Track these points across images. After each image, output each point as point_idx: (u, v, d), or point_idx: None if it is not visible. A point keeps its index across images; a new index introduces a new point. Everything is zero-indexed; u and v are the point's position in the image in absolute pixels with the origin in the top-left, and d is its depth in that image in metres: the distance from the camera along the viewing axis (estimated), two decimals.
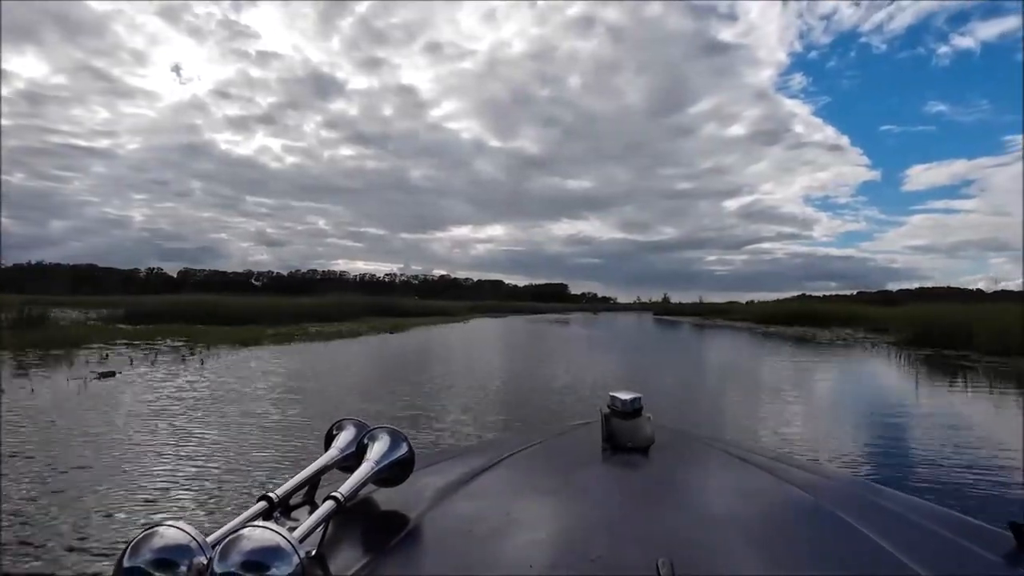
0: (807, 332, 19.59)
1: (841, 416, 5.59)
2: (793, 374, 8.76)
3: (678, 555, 0.49)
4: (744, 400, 6.44)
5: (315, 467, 0.65)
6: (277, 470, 3.29)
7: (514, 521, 0.62)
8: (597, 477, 0.78)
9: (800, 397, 6.62)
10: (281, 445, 3.91)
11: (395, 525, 0.60)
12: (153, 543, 0.43)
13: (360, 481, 0.61)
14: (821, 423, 5.20)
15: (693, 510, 0.68)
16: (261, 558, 0.42)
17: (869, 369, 9.72)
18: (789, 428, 4.81)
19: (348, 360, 9.58)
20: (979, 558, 0.56)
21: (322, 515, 0.53)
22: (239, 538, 0.44)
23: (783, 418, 5.24)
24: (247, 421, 4.62)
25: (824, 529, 0.62)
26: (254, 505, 0.55)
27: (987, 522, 0.64)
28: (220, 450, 3.75)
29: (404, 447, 0.68)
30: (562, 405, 5.63)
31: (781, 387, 7.29)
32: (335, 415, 0.75)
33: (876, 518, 0.63)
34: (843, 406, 6.30)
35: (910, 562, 0.53)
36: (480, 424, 4.74)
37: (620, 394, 0.89)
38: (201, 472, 3.28)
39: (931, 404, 6.09)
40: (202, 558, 0.43)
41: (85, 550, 2.26)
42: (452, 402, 5.66)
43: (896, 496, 0.73)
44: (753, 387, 7.44)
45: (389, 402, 5.59)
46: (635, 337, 20.15)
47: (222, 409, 5.08)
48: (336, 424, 0.73)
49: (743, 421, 5.19)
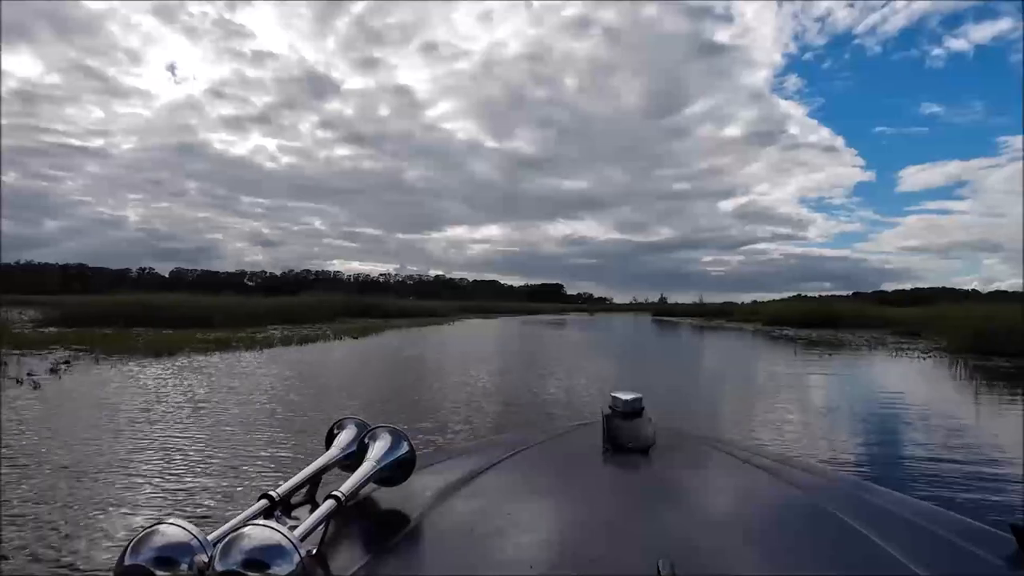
0: (826, 335, 17.33)
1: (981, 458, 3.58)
2: (863, 396, 6.59)
3: (679, 556, 0.49)
4: (814, 432, 4.34)
5: (316, 466, 0.65)
6: None
7: (515, 521, 0.62)
8: (598, 477, 0.79)
9: (894, 429, 4.58)
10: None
11: (396, 524, 0.60)
12: (154, 541, 0.43)
13: (361, 480, 0.61)
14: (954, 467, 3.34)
15: (694, 511, 0.67)
16: (262, 556, 0.42)
17: (961, 390, 7.24)
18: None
19: (250, 382, 6.91)
20: (980, 560, 0.56)
21: (323, 514, 0.53)
22: (240, 536, 0.44)
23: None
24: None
25: (825, 531, 0.61)
26: (255, 504, 0.55)
27: (989, 524, 0.63)
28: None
29: (405, 446, 0.68)
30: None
31: (855, 413, 5.24)
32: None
33: (877, 520, 0.62)
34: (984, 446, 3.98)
35: (910, 564, 0.53)
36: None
37: (621, 394, 0.88)
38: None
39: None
40: (203, 556, 0.43)
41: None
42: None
43: (897, 498, 0.72)
44: (810, 410, 5.33)
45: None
46: (639, 342, 17.86)
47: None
48: (337, 423, 0.73)
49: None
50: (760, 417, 5.11)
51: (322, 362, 9.45)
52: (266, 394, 5.80)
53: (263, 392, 5.92)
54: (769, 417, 5.07)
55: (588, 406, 5.34)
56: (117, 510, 2.59)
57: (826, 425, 4.82)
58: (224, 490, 2.90)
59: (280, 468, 3.26)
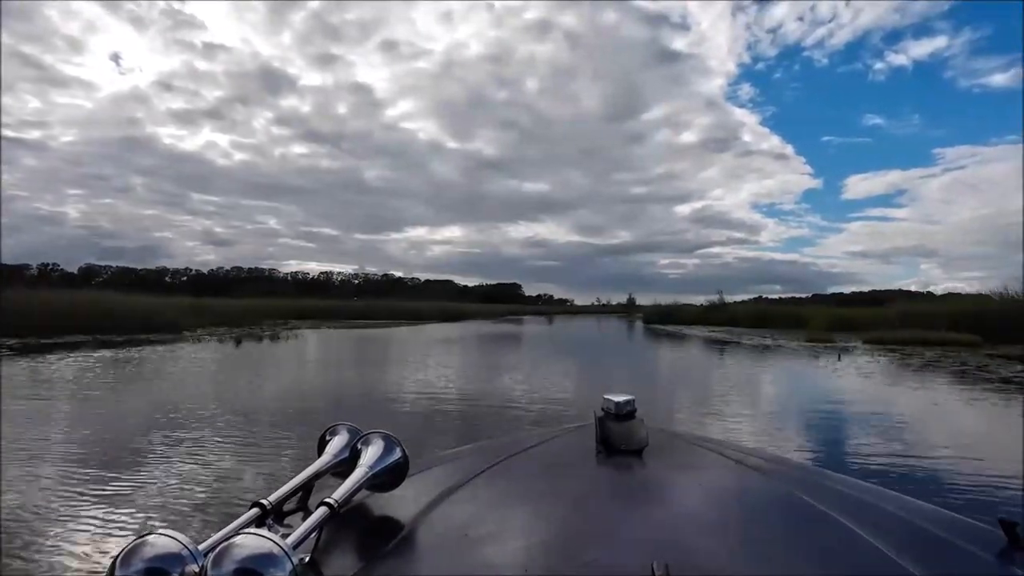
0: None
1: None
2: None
3: (673, 557, 0.48)
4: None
5: (308, 473, 0.65)
6: None
7: (509, 525, 0.62)
8: (591, 480, 0.78)
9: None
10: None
11: (389, 530, 0.60)
12: (144, 552, 0.42)
13: (354, 486, 0.61)
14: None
15: (688, 512, 0.67)
16: (254, 565, 0.42)
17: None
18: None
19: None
20: (970, 556, 0.56)
21: (316, 521, 0.53)
22: (231, 546, 0.43)
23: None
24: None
25: (818, 530, 0.61)
26: (246, 512, 0.55)
27: (977, 520, 0.63)
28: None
29: (398, 452, 0.67)
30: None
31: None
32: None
33: (869, 518, 0.63)
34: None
35: (902, 561, 0.53)
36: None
37: (614, 397, 0.88)
38: None
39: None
40: (194, 566, 0.42)
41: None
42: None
43: (889, 496, 0.73)
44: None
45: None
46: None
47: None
48: (329, 429, 0.72)
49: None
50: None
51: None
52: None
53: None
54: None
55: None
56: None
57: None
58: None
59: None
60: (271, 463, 3.68)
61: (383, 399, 6.39)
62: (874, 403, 6.45)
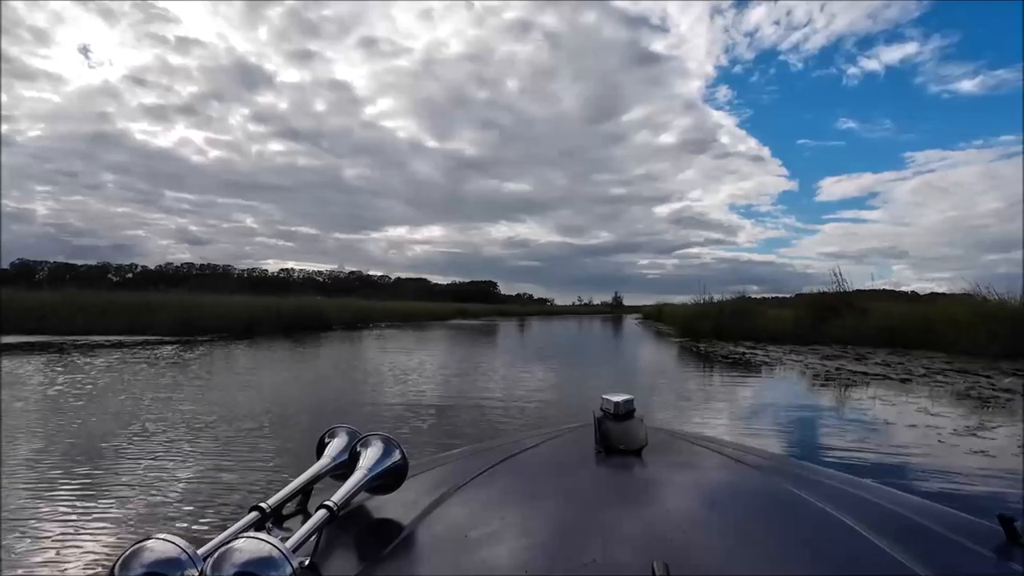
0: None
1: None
2: None
3: (673, 557, 0.48)
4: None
5: (307, 476, 0.64)
6: None
7: (509, 525, 0.61)
8: (591, 480, 0.77)
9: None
10: None
11: (389, 532, 0.60)
12: (143, 557, 0.42)
13: (353, 489, 0.61)
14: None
15: (688, 511, 0.66)
16: (254, 569, 0.41)
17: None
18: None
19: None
20: (969, 552, 0.56)
21: (315, 524, 0.53)
22: (231, 549, 0.43)
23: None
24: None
25: (818, 528, 0.61)
26: (246, 515, 0.55)
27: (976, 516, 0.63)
28: None
29: (397, 454, 0.68)
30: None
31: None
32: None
33: (868, 515, 0.62)
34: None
35: (902, 557, 0.53)
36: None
37: (612, 396, 0.88)
38: None
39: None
40: (194, 571, 0.42)
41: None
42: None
43: (889, 494, 0.72)
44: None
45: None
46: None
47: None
48: (328, 432, 0.72)
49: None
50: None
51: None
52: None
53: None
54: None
55: None
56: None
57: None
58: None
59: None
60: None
61: None
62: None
